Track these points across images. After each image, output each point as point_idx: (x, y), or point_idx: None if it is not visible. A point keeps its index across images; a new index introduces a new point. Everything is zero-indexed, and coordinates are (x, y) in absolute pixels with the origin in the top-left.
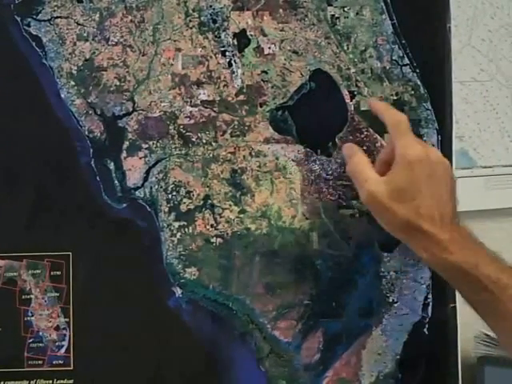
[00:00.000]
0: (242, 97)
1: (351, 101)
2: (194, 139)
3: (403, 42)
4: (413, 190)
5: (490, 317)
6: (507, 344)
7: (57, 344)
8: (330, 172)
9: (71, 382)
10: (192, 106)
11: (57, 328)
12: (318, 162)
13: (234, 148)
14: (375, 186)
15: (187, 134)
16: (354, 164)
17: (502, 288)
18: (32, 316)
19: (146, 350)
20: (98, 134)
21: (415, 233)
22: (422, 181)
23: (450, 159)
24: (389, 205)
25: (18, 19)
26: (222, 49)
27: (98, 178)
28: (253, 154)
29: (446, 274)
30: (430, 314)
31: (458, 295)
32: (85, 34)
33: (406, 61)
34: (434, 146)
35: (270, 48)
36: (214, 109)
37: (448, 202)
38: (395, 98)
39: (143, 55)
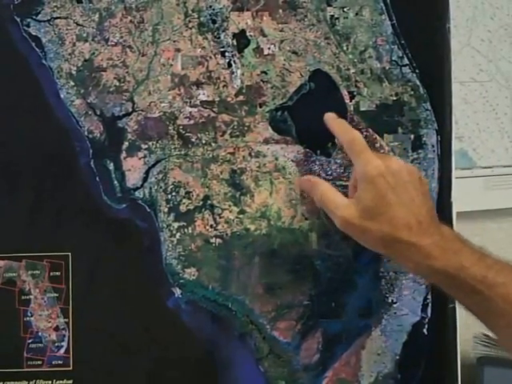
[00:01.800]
0: (241, 97)
1: (351, 101)
2: (193, 140)
3: (403, 42)
4: (381, 205)
5: (484, 316)
6: (505, 341)
7: (56, 344)
8: (330, 172)
9: (70, 382)
10: (191, 107)
11: (56, 328)
12: (317, 163)
13: (234, 148)
14: (345, 210)
15: (187, 134)
16: (319, 195)
17: (489, 286)
18: (31, 316)
19: (146, 350)
20: (98, 135)
21: (395, 245)
22: (388, 193)
23: (450, 159)
24: (363, 225)
25: (18, 19)
26: (222, 49)
27: (97, 178)
28: (252, 154)
29: (434, 280)
30: (429, 315)
31: None
32: (84, 35)
33: (406, 61)
34: (433, 146)
35: (269, 48)
36: (214, 109)
37: (422, 206)
38: (395, 98)
39: (143, 56)
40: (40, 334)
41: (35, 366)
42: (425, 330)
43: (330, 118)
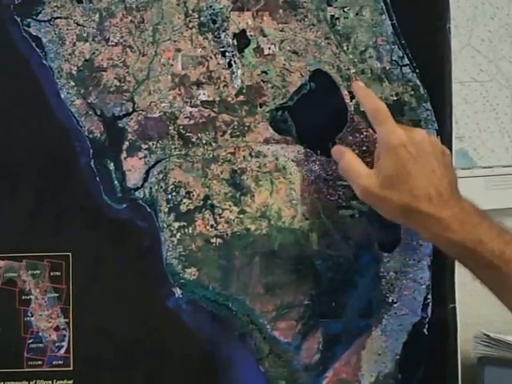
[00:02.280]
0: (241, 97)
1: (351, 101)
2: (193, 140)
3: (403, 42)
4: (402, 174)
5: (500, 292)
6: None
7: (56, 344)
8: (330, 172)
9: (71, 382)
10: (192, 107)
11: (56, 328)
12: (317, 163)
13: (234, 148)
14: (366, 179)
15: (187, 134)
16: (343, 164)
17: (507, 262)
18: (32, 316)
19: (146, 350)
20: (98, 135)
21: (414, 215)
22: (410, 163)
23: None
24: (382, 194)
25: (18, 19)
26: (222, 49)
27: (97, 178)
28: (252, 154)
29: (451, 253)
30: (429, 315)
31: (457, 295)
32: (85, 35)
33: (406, 61)
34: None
35: (269, 48)
36: (214, 109)
37: (443, 177)
38: (395, 98)
39: (143, 56)
40: (40, 334)
41: (35, 366)
42: (425, 330)
43: (357, 87)
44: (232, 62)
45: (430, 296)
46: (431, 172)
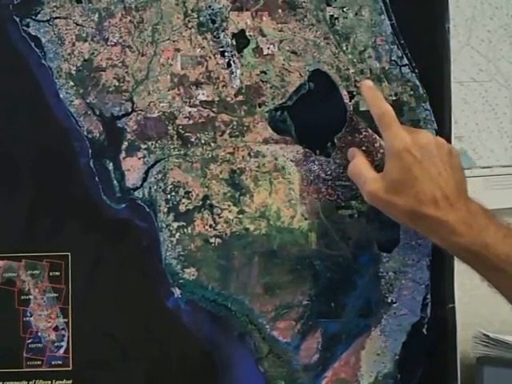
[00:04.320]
0: (240, 97)
1: (350, 101)
2: (192, 139)
3: (402, 42)
4: (407, 179)
5: (507, 293)
6: None
7: (56, 344)
8: (329, 172)
9: (70, 382)
10: (191, 107)
11: (56, 328)
12: (316, 163)
13: (233, 148)
14: (373, 184)
15: (186, 134)
16: (352, 167)
17: None
18: (31, 316)
19: (145, 350)
20: (97, 135)
21: (421, 219)
22: (415, 167)
23: None
24: (389, 199)
25: (17, 19)
26: (221, 49)
27: (96, 178)
28: (252, 154)
29: (459, 256)
30: (428, 315)
31: (456, 295)
32: (84, 35)
33: (405, 61)
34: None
35: (268, 48)
36: (213, 109)
37: (449, 179)
38: (394, 98)
39: (142, 55)
40: (39, 334)
41: (35, 366)
42: (424, 330)
43: (365, 87)
44: (231, 62)
45: (429, 296)
46: (437, 175)
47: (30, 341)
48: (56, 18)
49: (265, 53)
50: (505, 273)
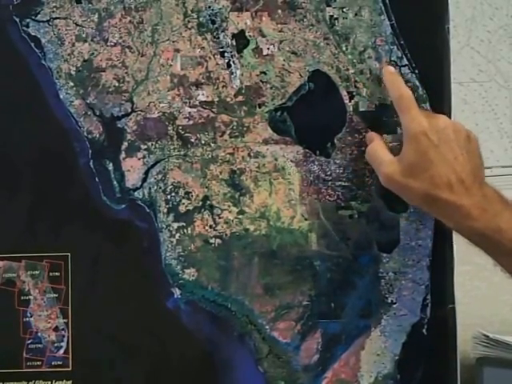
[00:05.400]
0: (240, 98)
1: (350, 101)
2: (192, 140)
3: (402, 42)
4: (423, 162)
5: None
6: None
7: (55, 345)
8: (329, 173)
9: (69, 382)
10: (191, 107)
11: (56, 329)
12: (316, 163)
13: (233, 149)
14: (389, 167)
15: (186, 134)
16: (369, 150)
17: None
18: (31, 317)
19: (145, 350)
20: (97, 135)
21: (436, 203)
22: (431, 150)
23: None
24: (404, 182)
25: (17, 20)
26: (221, 49)
27: (96, 178)
28: (251, 154)
29: (472, 241)
30: (428, 315)
31: (456, 296)
32: (83, 35)
33: (405, 61)
34: None
35: (268, 49)
36: (213, 110)
37: (466, 164)
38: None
39: (142, 56)
40: (39, 334)
41: (34, 366)
42: (424, 331)
43: (387, 71)
44: (231, 63)
45: (429, 296)
46: (453, 159)
47: (29, 341)
48: (56, 18)
49: (265, 53)
50: None
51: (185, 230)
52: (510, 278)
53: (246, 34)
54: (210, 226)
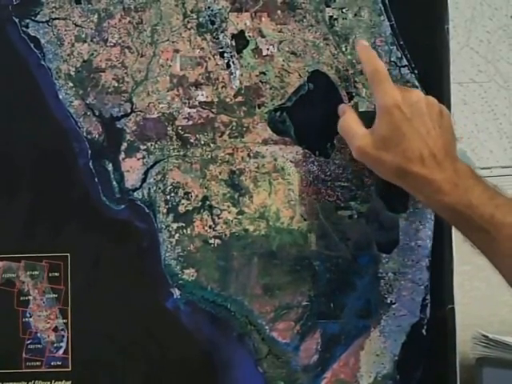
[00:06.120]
0: (240, 98)
1: (349, 102)
2: (192, 140)
3: (401, 43)
4: (396, 136)
5: (490, 255)
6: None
7: (55, 345)
8: (329, 173)
9: (69, 383)
10: (190, 107)
11: (55, 329)
12: (316, 164)
13: (233, 149)
14: (361, 140)
15: (185, 135)
16: (342, 123)
17: (496, 226)
18: (30, 317)
19: (144, 351)
20: (97, 135)
21: (407, 177)
22: (404, 124)
23: None
24: (377, 155)
25: (17, 20)
26: (221, 50)
27: (96, 179)
28: (251, 155)
29: (443, 215)
30: (428, 315)
31: (455, 296)
32: (83, 36)
33: (405, 62)
34: None
35: (268, 49)
36: (213, 110)
37: (438, 138)
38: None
39: (141, 56)
40: (39, 334)
41: (34, 366)
42: (424, 331)
43: (361, 46)
44: (230, 63)
45: (428, 297)
46: (425, 133)
47: (29, 341)
48: (55, 18)
49: (264, 54)
50: (488, 234)
51: (184, 231)
52: None
53: (246, 34)
54: (210, 227)
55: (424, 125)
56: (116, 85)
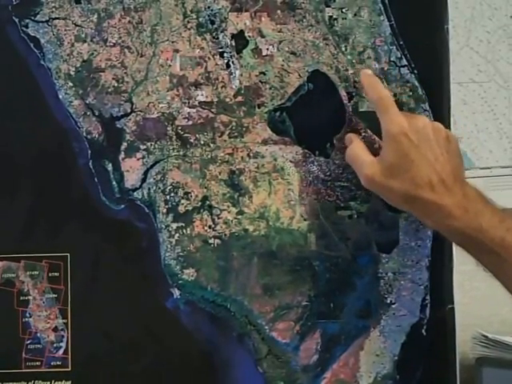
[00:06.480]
0: (240, 98)
1: (349, 102)
2: (192, 140)
3: (401, 43)
4: (404, 163)
5: (502, 277)
6: None
7: (55, 345)
8: (328, 173)
9: (69, 383)
10: (190, 107)
11: (55, 329)
12: (316, 163)
13: (232, 149)
14: (369, 168)
15: (185, 135)
16: (349, 152)
17: (508, 249)
18: (30, 317)
19: (144, 351)
20: (96, 135)
21: (416, 202)
22: (412, 151)
23: None
24: (385, 183)
25: (16, 20)
26: (220, 50)
27: (95, 179)
28: (251, 155)
29: (452, 239)
30: (427, 315)
31: (455, 296)
32: (83, 35)
33: (404, 62)
34: None
35: (268, 49)
36: (212, 110)
37: (446, 164)
38: (393, 99)
39: (141, 56)
40: (39, 334)
41: (34, 366)
42: (423, 331)
43: (365, 75)
44: (230, 63)
45: (428, 297)
46: (433, 159)
47: (29, 341)
48: (55, 18)
49: (264, 53)
50: (499, 256)
51: (184, 231)
52: None
53: (246, 34)
54: (210, 227)
55: (432, 151)
56: (116, 85)
